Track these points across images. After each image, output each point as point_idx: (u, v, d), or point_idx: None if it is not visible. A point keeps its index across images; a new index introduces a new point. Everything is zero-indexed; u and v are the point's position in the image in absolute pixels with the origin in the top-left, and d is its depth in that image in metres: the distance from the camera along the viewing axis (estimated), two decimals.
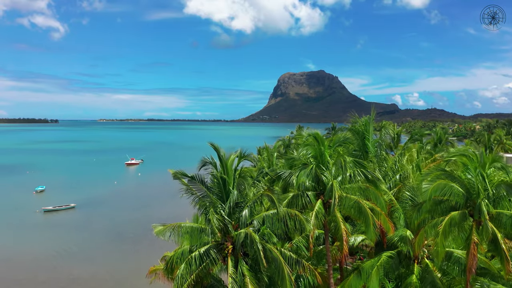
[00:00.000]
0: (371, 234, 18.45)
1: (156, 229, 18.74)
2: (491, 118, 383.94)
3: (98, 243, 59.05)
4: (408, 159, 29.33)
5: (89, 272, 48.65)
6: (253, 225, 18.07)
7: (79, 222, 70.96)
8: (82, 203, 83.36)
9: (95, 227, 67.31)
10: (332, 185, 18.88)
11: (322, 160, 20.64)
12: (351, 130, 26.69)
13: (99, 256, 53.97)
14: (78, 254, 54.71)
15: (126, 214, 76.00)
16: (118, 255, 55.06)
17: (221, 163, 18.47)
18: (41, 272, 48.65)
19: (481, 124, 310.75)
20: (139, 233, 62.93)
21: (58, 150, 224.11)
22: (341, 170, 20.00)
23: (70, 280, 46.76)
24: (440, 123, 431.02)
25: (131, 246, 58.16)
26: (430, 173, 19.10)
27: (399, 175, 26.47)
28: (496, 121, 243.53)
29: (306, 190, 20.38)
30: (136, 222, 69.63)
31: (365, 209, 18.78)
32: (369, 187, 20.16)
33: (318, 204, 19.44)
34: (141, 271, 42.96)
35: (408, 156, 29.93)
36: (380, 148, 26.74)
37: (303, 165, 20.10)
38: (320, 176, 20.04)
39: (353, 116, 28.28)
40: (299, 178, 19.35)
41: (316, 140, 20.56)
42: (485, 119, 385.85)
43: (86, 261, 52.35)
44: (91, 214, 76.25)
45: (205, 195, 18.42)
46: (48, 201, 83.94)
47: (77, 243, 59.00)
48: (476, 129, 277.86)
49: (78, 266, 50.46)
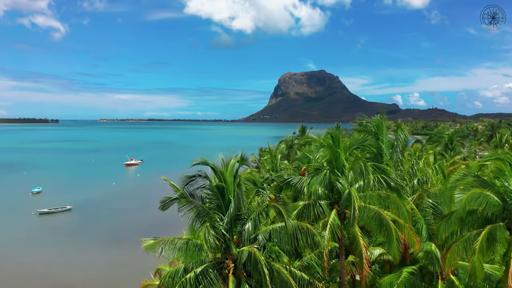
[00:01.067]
0: (394, 251, 16.00)
1: (145, 243, 16.28)
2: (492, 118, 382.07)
3: (93, 248, 56.71)
4: (424, 162, 26.94)
5: (83, 279, 46.57)
6: (257, 241, 15.61)
7: (75, 225, 68.63)
8: (79, 205, 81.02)
9: (91, 230, 64.96)
10: (349, 194, 16.42)
11: (337, 164, 18.14)
12: (363, 130, 24.25)
13: (93, 262, 51.66)
14: (72, 259, 52.43)
15: (123, 217, 73.70)
16: (114, 260, 52.78)
17: (216, 173, 15.91)
18: (32, 278, 46.57)
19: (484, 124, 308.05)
20: (136, 237, 60.29)
21: (57, 150, 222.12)
22: (360, 176, 17.53)
23: (63, 286, 44.65)
24: (442, 123, 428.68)
25: (128, 251, 55.76)
26: (461, 180, 16.68)
27: (416, 179, 24.05)
28: (499, 121, 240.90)
29: (319, 198, 17.89)
30: (134, 225, 67.32)
31: (387, 222, 16.35)
32: (389, 196, 17.70)
33: (333, 216, 16.94)
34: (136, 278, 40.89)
35: (424, 159, 27.59)
36: (396, 151, 24.29)
37: (316, 171, 17.62)
38: (334, 183, 17.58)
39: (362, 116, 25.84)
40: (311, 186, 16.90)
41: (332, 141, 17.95)
42: (487, 119, 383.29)
43: (80, 266, 50.16)
44: (88, 216, 73.90)
45: (201, 209, 15.96)
46: (44, 203, 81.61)
47: (72, 247, 56.72)
48: (478, 129, 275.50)
49: (72, 272, 48.31)
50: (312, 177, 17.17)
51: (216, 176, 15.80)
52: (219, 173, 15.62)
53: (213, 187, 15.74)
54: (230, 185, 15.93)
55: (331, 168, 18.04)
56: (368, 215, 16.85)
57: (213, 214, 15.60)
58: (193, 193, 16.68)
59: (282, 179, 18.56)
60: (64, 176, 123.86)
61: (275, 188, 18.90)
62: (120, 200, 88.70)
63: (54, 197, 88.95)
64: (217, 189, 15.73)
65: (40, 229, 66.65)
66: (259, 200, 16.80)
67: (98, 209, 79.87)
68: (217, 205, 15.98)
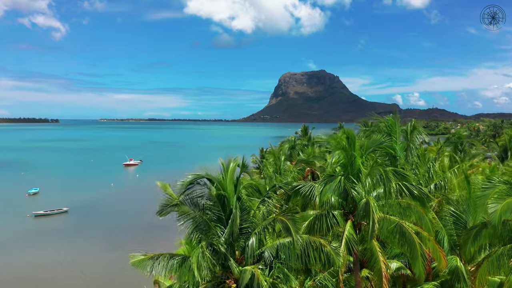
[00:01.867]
0: (419, 268, 14.05)
1: (133, 259, 14.32)
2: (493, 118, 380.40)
3: (90, 252, 54.89)
4: (439, 166, 25.05)
5: (78, 283, 44.90)
6: (263, 260, 13.60)
7: (71, 228, 66.78)
8: (76, 207, 79.16)
9: (87, 233, 63.10)
10: (366, 204, 14.49)
11: (353, 169, 16.25)
12: (375, 131, 22.38)
13: (90, 266, 49.85)
14: (68, 264, 50.63)
15: (121, 219, 71.83)
16: (111, 265, 50.89)
17: (214, 183, 13.93)
18: (27, 283, 44.82)
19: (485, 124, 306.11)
20: (134, 240, 58.83)
21: (56, 149, 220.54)
22: (378, 183, 15.60)
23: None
24: (443, 123, 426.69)
25: (125, 255, 53.91)
26: (491, 187, 14.80)
27: (433, 184, 22.14)
28: (501, 121, 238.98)
29: (332, 208, 15.96)
30: (132, 227, 65.51)
31: (410, 235, 14.43)
32: (410, 205, 15.80)
33: (348, 228, 14.98)
34: (134, 283, 39.27)
35: (440, 162, 25.73)
36: (411, 153, 22.39)
37: (329, 177, 15.66)
38: (349, 190, 15.63)
39: (374, 116, 23.92)
40: (323, 195, 14.98)
41: (347, 142, 16.04)
42: (488, 119, 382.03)
43: (75, 271, 48.46)
44: (84, 219, 72.02)
45: (201, 221, 14.01)
46: (41, 205, 79.80)
47: (68, 251, 54.91)
48: (480, 129, 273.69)
49: (67, 277, 46.65)
50: (324, 185, 15.22)
51: (215, 186, 13.84)
52: (218, 183, 13.67)
53: (213, 197, 13.82)
54: (231, 194, 14.01)
55: (345, 174, 16.13)
56: (388, 228, 14.92)
57: (214, 228, 13.67)
58: (195, 201, 14.78)
59: (290, 187, 16.59)
60: (62, 177, 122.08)
61: (282, 196, 16.96)
62: (118, 201, 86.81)
63: (51, 198, 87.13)
64: (217, 199, 13.81)
65: (34, 232, 64.79)
66: (265, 211, 14.87)
67: (95, 211, 78.01)
68: (218, 216, 14.05)
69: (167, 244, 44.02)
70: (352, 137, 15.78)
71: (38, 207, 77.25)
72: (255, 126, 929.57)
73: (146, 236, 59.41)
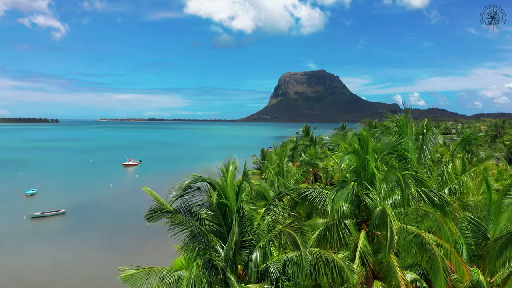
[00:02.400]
0: (441, 283, 12.64)
1: (123, 273, 12.92)
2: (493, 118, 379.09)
3: (87, 255, 53.52)
4: (452, 169, 23.68)
5: (77, 285, 43.57)
6: (268, 277, 12.22)
7: (68, 230, 65.41)
8: (73, 208, 77.84)
9: (84, 236, 61.73)
10: (383, 213, 13.07)
11: (366, 174, 14.90)
12: (385, 131, 20.98)
13: (87, 271, 48.48)
14: (64, 269, 49.24)
15: (119, 221, 70.46)
16: (108, 269, 49.47)
17: (215, 188, 12.44)
18: (23, 286, 43.57)
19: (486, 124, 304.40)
20: (132, 244, 57.58)
21: (55, 149, 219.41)
22: (394, 190, 14.20)
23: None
24: (443, 123, 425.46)
25: (123, 259, 52.58)
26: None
27: (447, 188, 20.78)
28: (503, 121, 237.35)
29: (343, 217, 14.59)
30: (130, 230, 64.11)
31: (431, 247, 13.01)
32: (428, 212, 14.42)
33: (362, 239, 13.53)
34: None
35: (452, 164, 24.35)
36: (424, 156, 21.00)
37: (342, 183, 14.25)
38: (362, 197, 14.25)
39: (386, 115, 22.50)
40: (335, 203, 13.58)
41: (360, 145, 14.57)
42: (488, 119, 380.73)
43: (73, 277, 47.08)
44: (82, 221, 70.65)
45: (198, 232, 12.59)
46: (38, 206, 78.49)
47: (64, 255, 53.53)
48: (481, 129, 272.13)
49: (63, 282, 45.24)
50: (336, 192, 13.80)
51: (216, 192, 12.42)
52: (220, 189, 12.29)
53: (213, 205, 12.39)
54: (232, 202, 12.64)
55: (358, 180, 14.75)
56: (406, 239, 13.58)
57: (213, 241, 12.23)
58: (191, 209, 13.36)
59: (298, 193, 15.10)
60: (60, 177, 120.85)
61: (288, 203, 15.55)
62: (117, 203, 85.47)
63: (49, 199, 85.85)
64: (218, 208, 12.41)
65: (31, 233, 63.49)
66: (270, 221, 13.45)
67: (93, 212, 76.65)
68: (218, 227, 12.64)
69: (165, 248, 42.71)
70: (365, 139, 14.35)
71: (35, 208, 75.97)
72: (255, 126, 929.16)
73: (144, 239, 58.13)
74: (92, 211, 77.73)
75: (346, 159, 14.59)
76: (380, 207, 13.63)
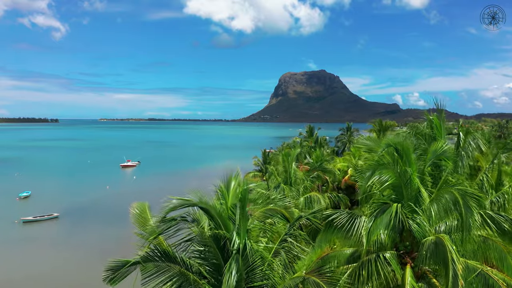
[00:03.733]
0: None
1: None
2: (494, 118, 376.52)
3: (79, 262, 50.44)
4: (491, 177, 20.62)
5: None
6: None
7: (60, 236, 62.35)
8: (67, 212, 74.76)
9: (78, 242, 58.64)
10: (439, 245, 9.81)
11: (409, 192, 11.66)
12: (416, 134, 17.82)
13: (78, 281, 45.43)
14: (54, 278, 46.21)
15: (115, 226, 67.16)
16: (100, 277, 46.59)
17: (210, 215, 9.22)
18: None
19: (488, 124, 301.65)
20: (129, 250, 54.48)
21: (54, 149, 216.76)
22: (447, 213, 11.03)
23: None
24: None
25: None
26: None
27: (489, 201, 17.69)
28: (506, 121, 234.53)
29: (381, 249, 11.44)
30: (126, 236, 60.92)
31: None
32: (487, 240, 11.31)
33: (409, 279, 10.39)
34: None
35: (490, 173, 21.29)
36: (462, 163, 17.82)
37: (382, 206, 11.05)
38: (406, 223, 11.01)
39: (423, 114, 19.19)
40: (373, 233, 10.35)
41: (398, 155, 11.34)
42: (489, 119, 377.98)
43: (62, 282, 44.26)
44: (75, 226, 67.50)
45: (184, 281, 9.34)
46: (31, 209, 75.43)
47: (54, 263, 50.50)
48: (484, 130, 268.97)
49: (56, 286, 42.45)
50: (375, 218, 10.57)
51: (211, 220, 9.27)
52: (217, 214, 9.14)
53: (207, 239, 9.21)
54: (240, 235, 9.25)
55: (399, 200, 11.48)
56: (468, 279, 10.41)
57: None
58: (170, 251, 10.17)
59: (322, 216, 11.58)
60: (57, 178, 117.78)
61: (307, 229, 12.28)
62: (113, 206, 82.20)
63: (43, 202, 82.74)
64: (214, 242, 9.19)
65: (20, 240, 60.41)
66: (285, 258, 9.98)
67: (88, 217, 73.46)
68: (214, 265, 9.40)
69: None
70: (406, 151, 11.01)
71: (28, 212, 72.92)
72: (255, 126, 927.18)
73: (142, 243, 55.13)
74: (87, 215, 74.60)
75: (377, 174, 11.15)
76: (433, 236, 10.50)
